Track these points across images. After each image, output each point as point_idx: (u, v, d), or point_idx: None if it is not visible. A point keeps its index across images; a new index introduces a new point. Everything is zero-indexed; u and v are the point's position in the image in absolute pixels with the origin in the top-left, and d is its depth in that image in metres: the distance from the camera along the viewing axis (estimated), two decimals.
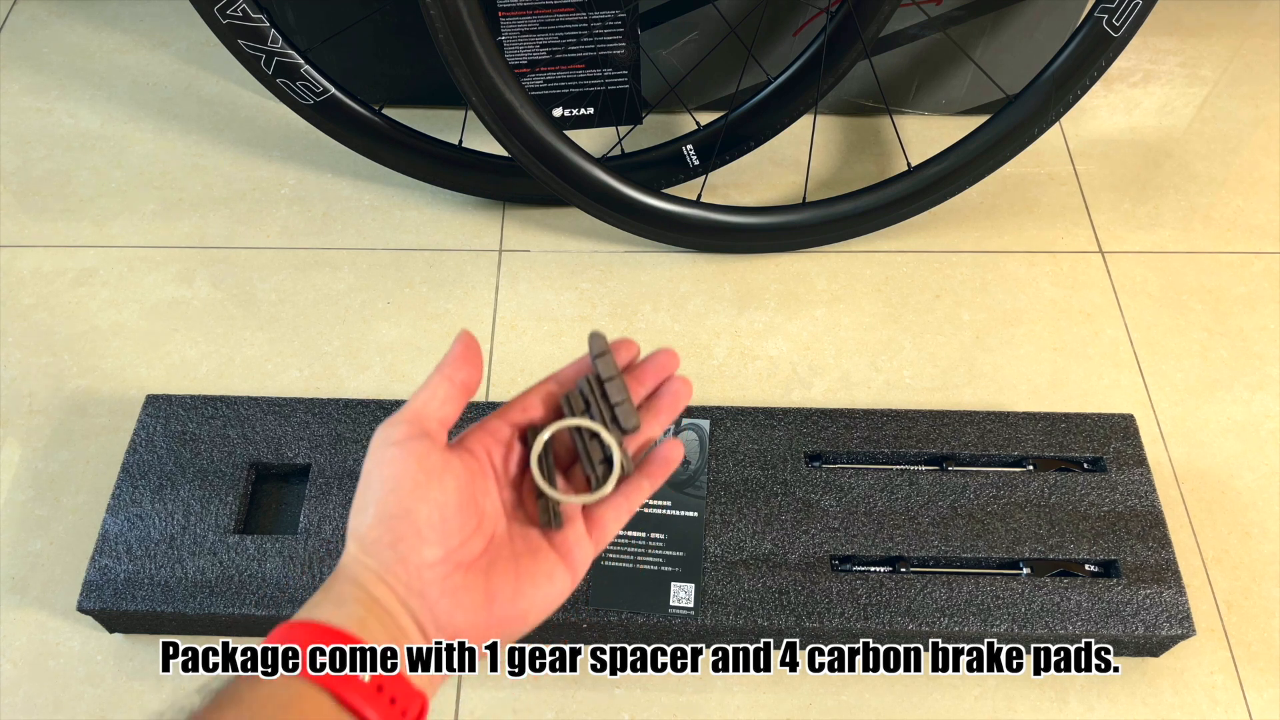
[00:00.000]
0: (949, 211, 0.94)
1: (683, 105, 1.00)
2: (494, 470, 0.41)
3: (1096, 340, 0.87)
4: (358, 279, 0.90)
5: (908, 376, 0.85)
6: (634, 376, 0.45)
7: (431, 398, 0.40)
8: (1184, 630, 0.66)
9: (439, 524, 0.37)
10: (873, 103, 1.02)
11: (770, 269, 0.91)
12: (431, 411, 0.40)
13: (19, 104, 1.03)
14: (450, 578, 0.37)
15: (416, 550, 0.37)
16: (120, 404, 0.81)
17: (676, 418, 0.45)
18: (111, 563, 0.68)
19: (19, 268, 0.90)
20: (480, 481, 0.40)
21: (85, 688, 0.68)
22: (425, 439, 0.39)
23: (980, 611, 0.67)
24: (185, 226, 0.93)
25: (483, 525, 0.40)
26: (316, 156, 0.99)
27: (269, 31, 0.80)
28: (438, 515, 0.37)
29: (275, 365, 0.84)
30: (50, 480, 0.77)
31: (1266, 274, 0.92)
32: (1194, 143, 1.03)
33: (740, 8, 0.91)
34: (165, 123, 1.02)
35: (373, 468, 0.38)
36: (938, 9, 0.93)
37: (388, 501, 0.37)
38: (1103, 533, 0.70)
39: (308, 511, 0.70)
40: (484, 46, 0.76)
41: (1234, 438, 0.81)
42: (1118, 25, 0.79)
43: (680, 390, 0.45)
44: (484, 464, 0.41)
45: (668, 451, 0.44)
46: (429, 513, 0.37)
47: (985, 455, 0.74)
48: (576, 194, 0.85)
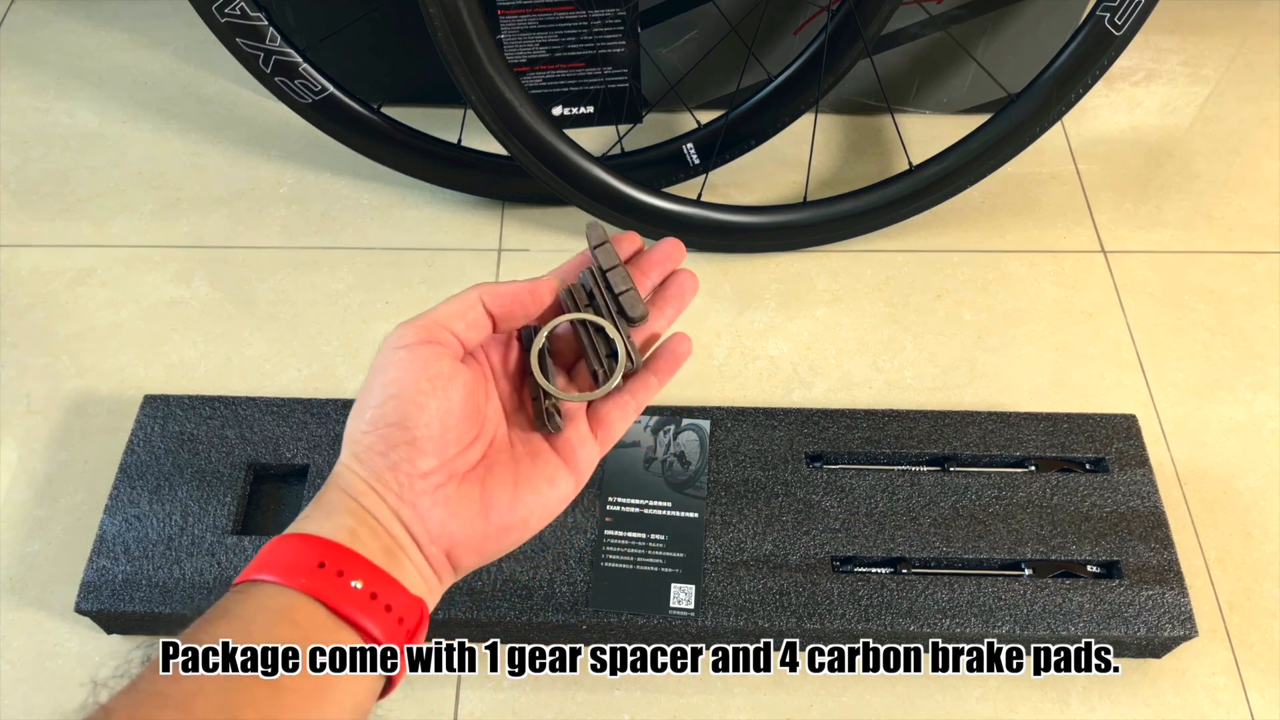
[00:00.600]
0: (950, 211, 0.94)
1: (683, 104, 0.99)
2: (492, 371, 0.40)
3: (1098, 340, 0.87)
4: (356, 278, 0.90)
5: (909, 377, 0.84)
6: (637, 268, 0.43)
7: (458, 315, 0.38)
8: (1186, 631, 0.66)
9: (438, 435, 0.36)
10: (874, 101, 1.02)
11: (771, 268, 0.91)
12: (451, 323, 0.38)
13: (17, 103, 1.03)
14: (444, 487, 0.36)
15: (409, 459, 0.36)
16: (118, 404, 0.81)
17: (683, 310, 0.43)
18: (109, 563, 0.67)
19: (17, 267, 0.90)
20: (483, 386, 0.39)
21: (83, 689, 0.68)
22: (436, 345, 0.37)
23: (982, 613, 0.67)
24: (184, 226, 0.93)
25: (483, 433, 0.38)
26: (315, 156, 0.98)
27: (267, 30, 0.80)
28: (437, 425, 0.36)
29: (274, 365, 0.84)
30: (48, 481, 0.77)
31: (1269, 274, 0.92)
32: (1196, 142, 1.02)
33: (741, 6, 0.91)
34: (164, 122, 1.01)
35: (376, 371, 0.37)
36: (939, 7, 0.93)
37: (385, 408, 0.36)
38: (1105, 533, 0.70)
39: None
40: (483, 45, 0.75)
41: (1236, 438, 0.81)
42: (1119, 24, 0.79)
43: (686, 282, 0.43)
44: (484, 367, 0.40)
45: (675, 345, 0.42)
46: (428, 422, 0.36)
47: (987, 456, 0.74)
48: (576, 193, 0.85)
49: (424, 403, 0.36)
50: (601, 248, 0.42)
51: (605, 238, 0.42)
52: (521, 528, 0.38)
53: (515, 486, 0.38)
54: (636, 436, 0.74)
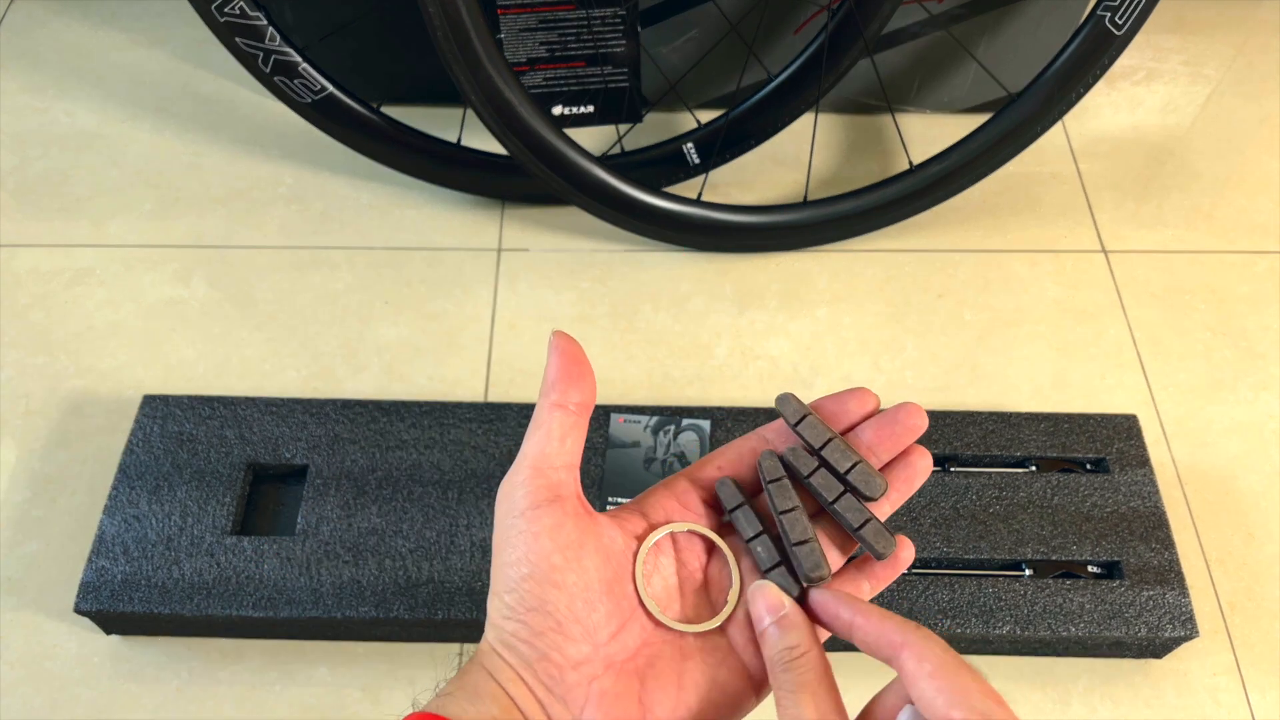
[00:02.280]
0: (951, 210, 0.94)
1: (683, 103, 0.99)
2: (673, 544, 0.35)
3: (1099, 340, 0.87)
4: (356, 278, 0.90)
5: (910, 376, 0.84)
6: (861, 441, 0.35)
7: (548, 437, 0.33)
8: (1187, 632, 0.66)
9: (582, 615, 0.32)
10: (874, 101, 1.02)
11: (771, 268, 0.91)
12: (553, 455, 0.33)
13: (16, 103, 1.02)
14: (598, 680, 0.32)
15: (559, 648, 0.32)
16: (117, 404, 0.81)
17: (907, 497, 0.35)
18: (108, 564, 0.67)
19: (15, 267, 0.89)
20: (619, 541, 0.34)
21: (81, 690, 0.68)
22: (556, 505, 0.32)
23: (982, 613, 0.66)
24: (182, 225, 0.93)
25: (637, 613, 0.34)
26: (314, 155, 0.98)
27: (267, 29, 0.80)
28: (580, 603, 0.32)
29: (273, 365, 0.84)
30: (47, 481, 0.77)
31: (1270, 274, 0.91)
32: (1197, 141, 1.02)
33: (741, 5, 0.91)
34: (162, 121, 1.01)
35: (501, 544, 0.33)
36: (940, 7, 0.92)
37: (522, 590, 0.32)
38: (1105, 534, 0.70)
39: (305, 512, 0.70)
40: (483, 44, 0.75)
41: (1237, 438, 0.81)
42: (1120, 23, 0.79)
43: (919, 463, 0.35)
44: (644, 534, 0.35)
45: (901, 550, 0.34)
46: (569, 603, 0.32)
47: (988, 456, 0.74)
48: (576, 193, 0.84)
49: (560, 580, 0.32)
50: (805, 422, 0.34)
51: (806, 409, 0.34)
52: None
53: (680, 688, 0.32)
54: (636, 436, 0.74)
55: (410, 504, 0.70)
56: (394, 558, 0.68)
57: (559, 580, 0.32)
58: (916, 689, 0.29)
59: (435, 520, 0.69)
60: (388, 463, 0.72)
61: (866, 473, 0.33)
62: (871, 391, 0.36)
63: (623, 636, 0.33)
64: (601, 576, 0.33)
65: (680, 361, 0.85)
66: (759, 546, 0.34)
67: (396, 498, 0.70)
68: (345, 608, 0.66)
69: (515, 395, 0.81)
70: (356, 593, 0.66)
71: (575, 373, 0.34)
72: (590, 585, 0.32)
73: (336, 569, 0.67)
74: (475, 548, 0.68)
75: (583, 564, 0.32)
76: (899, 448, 0.35)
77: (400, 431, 0.73)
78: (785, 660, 0.32)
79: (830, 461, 0.34)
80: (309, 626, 0.68)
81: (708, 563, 0.36)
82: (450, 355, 0.84)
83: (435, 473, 0.71)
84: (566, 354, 0.34)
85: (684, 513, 0.36)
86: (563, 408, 0.33)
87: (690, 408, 0.76)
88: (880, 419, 0.35)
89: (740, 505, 0.35)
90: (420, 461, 0.72)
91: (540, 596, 0.32)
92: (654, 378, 0.83)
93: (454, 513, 0.70)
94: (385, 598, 0.66)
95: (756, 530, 0.34)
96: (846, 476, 0.33)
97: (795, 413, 0.34)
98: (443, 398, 0.80)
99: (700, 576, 0.35)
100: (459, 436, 0.73)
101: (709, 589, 0.35)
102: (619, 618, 0.33)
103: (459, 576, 0.67)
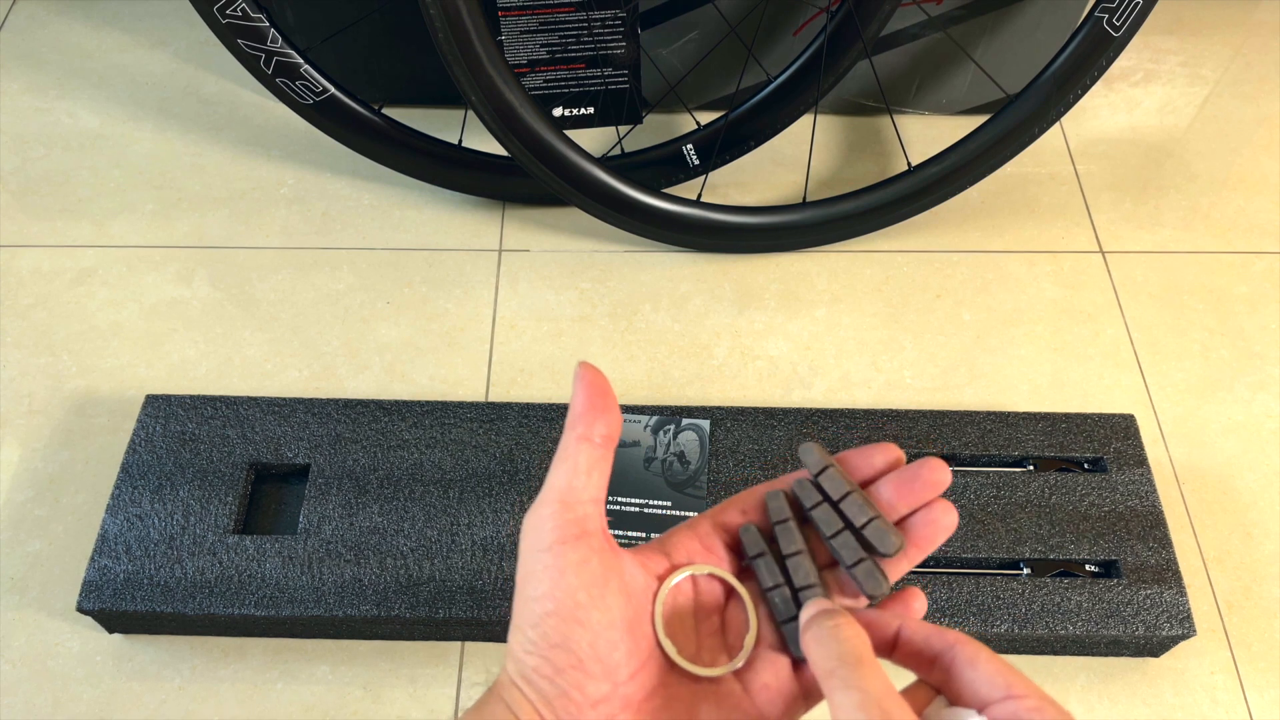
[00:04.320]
0: (949, 211, 0.94)
1: (683, 105, 0.99)
2: (693, 586, 0.35)
3: (1097, 340, 0.87)
4: (357, 279, 0.90)
5: (908, 376, 0.85)
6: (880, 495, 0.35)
7: (575, 471, 0.33)
8: (1184, 630, 0.66)
9: (604, 654, 0.32)
10: (873, 102, 1.02)
11: (770, 269, 0.91)
12: (579, 489, 0.33)
13: (18, 103, 1.03)
14: (616, 719, 0.32)
15: (580, 686, 0.31)
16: (119, 404, 0.81)
17: (927, 554, 0.35)
18: (111, 563, 0.67)
19: (18, 267, 0.90)
20: (640, 581, 0.34)
21: (84, 688, 0.68)
22: (582, 541, 0.32)
23: (980, 612, 0.67)
24: (184, 226, 0.93)
25: (655, 653, 0.34)
26: (316, 156, 0.98)
27: (268, 31, 0.80)
28: (602, 642, 0.32)
29: (274, 365, 0.84)
30: (49, 480, 0.77)
31: (1268, 274, 0.92)
32: (1195, 142, 1.02)
33: (740, 7, 0.91)
34: (164, 122, 1.02)
35: (526, 577, 0.32)
36: (938, 8, 0.93)
37: (546, 626, 0.32)
38: (1103, 533, 0.70)
39: (307, 512, 0.70)
40: (484, 46, 0.76)
41: (1235, 438, 0.81)
42: (1118, 25, 0.79)
43: (942, 518, 0.34)
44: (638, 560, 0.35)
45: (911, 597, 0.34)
46: (591, 640, 0.32)
47: (985, 455, 0.74)
48: (576, 194, 0.85)
49: (584, 618, 0.32)
50: (825, 474, 0.34)
51: (828, 460, 0.34)
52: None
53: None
54: (636, 436, 0.74)
55: (411, 503, 0.70)
56: (395, 556, 0.68)
57: (583, 618, 0.32)
58: (971, 672, 0.30)
59: (436, 519, 0.70)
60: (389, 462, 0.72)
61: (881, 529, 0.33)
62: (897, 447, 0.35)
63: (640, 676, 0.33)
64: (624, 615, 0.33)
65: (680, 361, 0.85)
66: (777, 597, 0.34)
67: (398, 497, 0.71)
68: (347, 606, 0.66)
69: (516, 395, 0.82)
70: (358, 591, 0.67)
71: (601, 405, 0.33)
72: (613, 624, 0.32)
73: (338, 568, 0.68)
74: (476, 546, 0.69)
75: (606, 602, 0.32)
76: (919, 503, 0.35)
77: (401, 431, 0.74)
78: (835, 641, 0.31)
79: (847, 516, 0.34)
80: (311, 625, 0.68)
81: (726, 606, 0.36)
82: (451, 355, 0.84)
83: (436, 472, 0.72)
84: (592, 386, 0.33)
85: (706, 555, 0.36)
86: (589, 440, 0.33)
87: (690, 407, 0.76)
88: (901, 474, 0.35)
89: (761, 554, 0.35)
90: (421, 461, 0.72)
91: (564, 634, 0.31)
92: (654, 377, 0.84)
93: (455, 512, 0.70)
94: (386, 596, 0.67)
95: (776, 581, 0.34)
96: (862, 532, 0.33)
97: (817, 464, 0.34)
98: (444, 397, 0.80)
99: (718, 620, 0.35)
100: (460, 436, 0.73)
101: (726, 633, 0.35)
102: (638, 657, 0.33)
103: (460, 575, 0.68)
